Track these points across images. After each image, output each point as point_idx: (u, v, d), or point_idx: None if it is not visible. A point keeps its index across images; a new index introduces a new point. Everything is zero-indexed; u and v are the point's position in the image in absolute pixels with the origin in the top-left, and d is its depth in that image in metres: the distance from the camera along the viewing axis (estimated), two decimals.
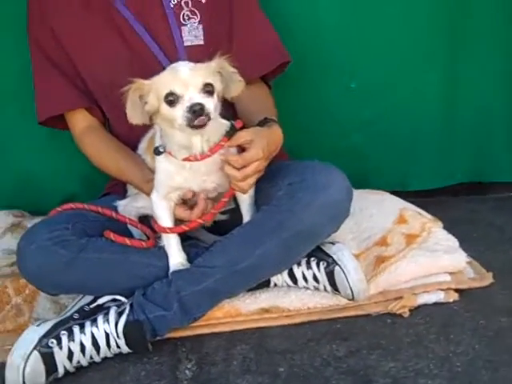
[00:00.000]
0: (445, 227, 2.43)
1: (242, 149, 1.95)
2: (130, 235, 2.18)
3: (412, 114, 2.86)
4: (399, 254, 2.21)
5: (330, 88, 2.81)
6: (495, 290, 2.19)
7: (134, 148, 2.28)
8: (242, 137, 1.93)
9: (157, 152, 1.96)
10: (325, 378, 1.81)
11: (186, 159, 1.93)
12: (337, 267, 2.04)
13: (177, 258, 2.06)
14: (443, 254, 2.21)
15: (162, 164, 1.99)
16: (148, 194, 2.09)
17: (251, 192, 2.08)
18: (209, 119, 1.79)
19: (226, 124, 1.95)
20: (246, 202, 2.11)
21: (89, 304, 2.04)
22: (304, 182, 1.98)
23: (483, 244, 2.53)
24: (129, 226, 2.23)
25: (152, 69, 1.99)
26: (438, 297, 2.12)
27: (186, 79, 1.80)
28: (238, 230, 2.05)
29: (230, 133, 1.92)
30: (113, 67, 2.26)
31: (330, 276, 2.07)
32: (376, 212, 2.47)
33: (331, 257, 2.07)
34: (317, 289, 2.13)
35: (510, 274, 2.28)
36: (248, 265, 1.99)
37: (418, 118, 2.87)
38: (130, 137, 2.29)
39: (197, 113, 1.76)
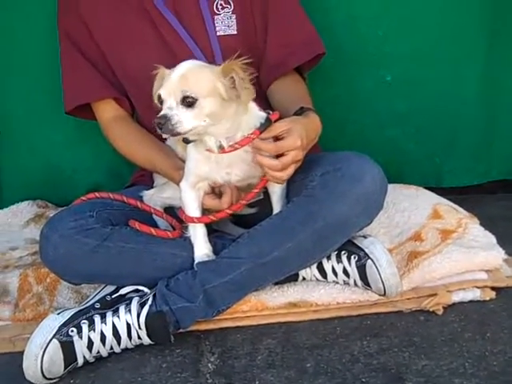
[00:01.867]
0: (481, 224, 2.34)
1: (278, 139, 1.88)
2: (154, 225, 2.13)
3: (449, 110, 2.77)
4: (434, 250, 2.12)
5: (365, 80, 2.73)
6: None
7: (162, 140, 2.20)
8: (278, 127, 1.86)
9: (186, 140, 1.90)
10: (354, 374, 1.73)
11: (208, 150, 1.88)
12: (369, 261, 1.96)
13: (202, 248, 2.00)
14: (480, 251, 2.11)
15: (191, 152, 1.94)
16: (178, 182, 2.03)
17: (284, 184, 2.01)
18: (176, 134, 1.76)
19: (260, 116, 1.88)
20: (277, 193, 2.04)
21: (111, 294, 1.99)
22: (338, 171, 1.91)
23: None
24: (154, 216, 2.18)
25: (183, 59, 1.94)
26: (475, 294, 2.02)
27: (171, 86, 1.78)
28: (267, 221, 1.98)
29: (265, 125, 1.86)
30: (144, 57, 2.20)
31: (362, 270, 1.99)
32: (409, 206, 2.38)
33: (363, 250, 1.99)
34: (347, 283, 2.05)
35: None
36: (276, 257, 1.92)
37: (454, 114, 2.77)
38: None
39: (159, 125, 1.74)
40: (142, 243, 2.00)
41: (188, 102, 1.75)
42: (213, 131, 1.83)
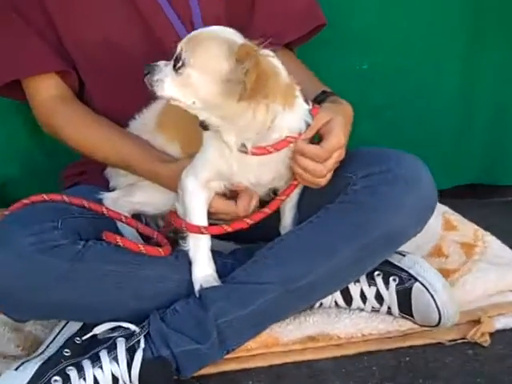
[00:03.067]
0: None
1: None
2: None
3: (425, 105, 2.49)
4: (463, 268, 1.82)
5: (340, 67, 2.38)
6: None
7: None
8: (318, 122, 1.47)
9: (203, 125, 1.45)
10: None
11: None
12: (416, 284, 1.59)
13: (206, 268, 1.55)
14: (510, 268, 1.84)
15: (209, 140, 1.48)
16: (164, 177, 1.59)
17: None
18: (154, 91, 1.42)
19: (304, 112, 1.46)
20: (292, 199, 1.63)
21: (79, 335, 1.49)
22: (388, 173, 1.52)
23: None
24: (119, 226, 1.68)
25: (156, 25, 1.70)
26: None
27: (181, 42, 1.43)
28: (295, 234, 1.56)
29: (309, 124, 1.46)
30: (103, 21, 1.73)
31: (403, 295, 1.62)
32: None
33: (406, 271, 1.62)
34: (375, 311, 1.68)
35: None
36: (312, 280, 1.51)
37: (430, 110, 2.50)
38: (118, 113, 1.76)
39: (145, 72, 1.43)
40: (124, 264, 1.51)
41: (177, 65, 1.39)
42: (226, 127, 1.41)
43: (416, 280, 1.60)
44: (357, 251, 1.52)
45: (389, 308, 1.66)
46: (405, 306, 1.63)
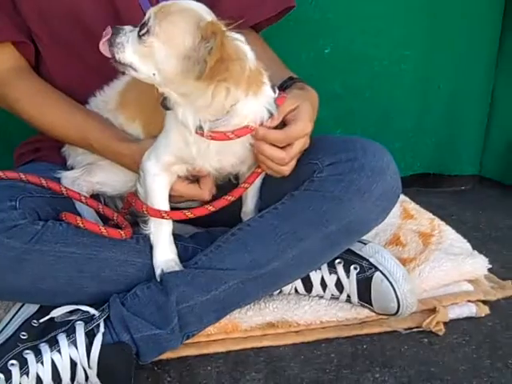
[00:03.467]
0: None
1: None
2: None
3: (383, 92, 2.52)
4: (420, 257, 1.82)
5: (301, 50, 2.38)
6: None
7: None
8: (284, 109, 1.43)
9: (164, 104, 1.40)
10: None
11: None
12: (377, 273, 1.59)
13: (168, 252, 1.52)
14: (466, 259, 1.85)
15: (171, 122, 1.43)
16: (126, 156, 1.55)
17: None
18: (113, 54, 1.35)
19: (268, 98, 1.41)
20: (254, 185, 1.60)
21: (37, 317, 1.44)
22: (354, 162, 1.51)
23: None
24: (77, 206, 1.63)
25: (125, 6, 1.63)
26: (470, 310, 1.75)
27: (153, 8, 1.36)
28: (259, 221, 1.54)
29: (272, 114, 1.42)
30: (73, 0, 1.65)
31: (364, 284, 1.62)
32: None
33: (367, 260, 1.62)
34: (335, 299, 1.68)
35: None
36: (276, 268, 1.49)
37: (388, 98, 2.53)
38: (77, 90, 1.70)
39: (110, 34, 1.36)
40: (85, 246, 1.46)
41: (141, 32, 1.33)
42: (183, 104, 1.36)
43: (377, 269, 1.61)
44: (321, 239, 1.51)
45: (348, 296, 1.66)
46: (364, 295, 1.64)
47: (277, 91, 1.45)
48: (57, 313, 1.44)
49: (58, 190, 1.57)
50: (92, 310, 1.45)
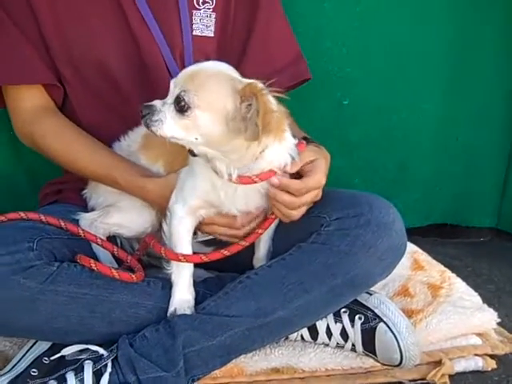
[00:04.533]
0: None
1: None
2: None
3: (401, 144, 2.56)
4: (428, 309, 1.84)
5: (321, 101, 2.43)
6: None
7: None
8: (304, 159, 1.51)
9: (192, 152, 1.48)
10: None
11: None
12: (381, 324, 1.62)
13: (186, 293, 1.57)
14: (474, 312, 1.87)
15: (197, 167, 1.51)
16: (151, 191, 1.62)
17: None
18: (153, 131, 1.42)
19: (290, 146, 1.49)
20: (268, 231, 1.65)
21: (48, 355, 1.50)
22: (360, 217, 1.57)
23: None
24: (94, 248, 1.70)
25: (148, 55, 1.67)
26: (477, 364, 1.77)
27: (179, 79, 1.43)
28: (266, 270, 1.59)
29: (293, 159, 1.49)
30: (98, 45, 1.75)
31: (368, 334, 1.65)
32: None
33: (372, 310, 1.65)
34: (340, 347, 1.71)
35: None
36: (281, 317, 1.54)
37: (406, 150, 2.58)
38: (102, 132, 1.77)
39: (141, 113, 1.43)
40: (97, 288, 1.52)
41: (180, 105, 1.38)
42: (218, 157, 1.44)
43: (381, 320, 1.64)
44: (326, 291, 1.56)
45: (353, 345, 1.69)
46: (369, 345, 1.66)
47: (296, 138, 1.53)
48: (67, 351, 1.49)
49: (75, 231, 1.64)
50: (101, 350, 1.50)
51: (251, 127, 1.36)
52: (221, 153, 1.43)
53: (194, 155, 1.47)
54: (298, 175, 1.54)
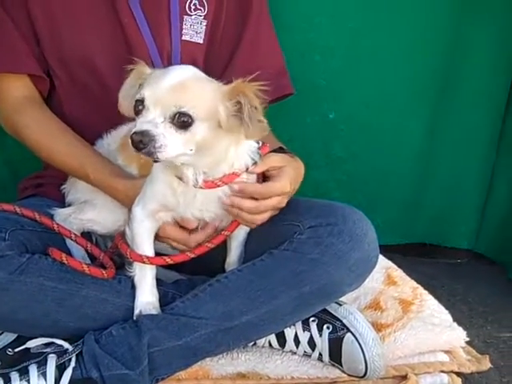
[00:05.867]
0: None
1: (265, 176, 1.55)
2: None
3: (385, 161, 2.58)
4: (397, 323, 1.85)
5: (306, 114, 2.45)
6: (494, 377, 1.89)
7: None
8: (270, 162, 1.53)
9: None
10: None
11: (179, 178, 1.48)
12: (348, 335, 1.63)
13: (149, 295, 1.58)
14: (444, 330, 1.88)
15: (160, 173, 1.51)
16: (120, 191, 1.63)
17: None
18: (158, 158, 1.35)
19: (251, 147, 1.51)
20: (239, 238, 1.68)
21: (12, 346, 1.50)
22: (334, 227, 1.57)
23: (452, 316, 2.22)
24: (68, 243, 1.70)
25: (136, 55, 1.60)
26: (442, 381, 1.77)
27: (163, 94, 1.36)
28: (237, 274, 1.60)
29: (255, 162, 1.50)
30: (89, 42, 1.78)
31: (335, 344, 1.65)
32: None
33: (340, 320, 1.66)
34: (307, 356, 1.72)
35: (501, 355, 2.00)
36: (248, 321, 1.54)
37: (389, 166, 2.59)
38: (86, 128, 1.80)
39: (135, 144, 1.33)
40: (67, 282, 1.53)
41: (182, 121, 1.34)
42: (193, 162, 1.44)
43: (348, 330, 1.64)
44: (295, 299, 1.56)
45: (320, 354, 1.70)
46: (335, 355, 1.67)
47: (260, 142, 1.53)
48: (32, 344, 1.50)
49: (50, 225, 1.65)
50: (66, 345, 1.50)
51: (254, 124, 1.38)
52: (199, 158, 1.42)
53: (156, 161, 1.44)
54: (264, 180, 1.56)
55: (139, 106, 1.36)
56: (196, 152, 1.39)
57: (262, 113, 1.39)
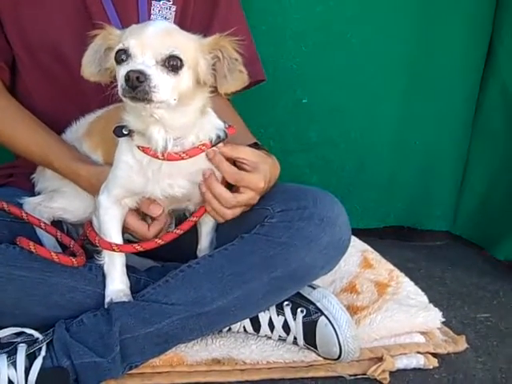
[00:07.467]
0: None
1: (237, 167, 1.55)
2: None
3: (359, 145, 2.58)
4: (373, 306, 1.86)
5: (280, 99, 2.45)
6: (470, 357, 1.90)
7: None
8: (246, 154, 1.53)
9: (118, 132, 1.46)
10: None
11: (143, 150, 1.46)
12: (322, 318, 1.62)
13: (118, 283, 1.56)
14: (419, 311, 1.87)
15: (123, 156, 1.50)
16: (83, 177, 1.61)
17: None
18: (151, 99, 1.32)
19: (217, 125, 1.50)
20: (209, 224, 1.67)
21: None
22: (304, 210, 1.57)
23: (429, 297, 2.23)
24: (38, 232, 1.68)
25: None
26: (418, 362, 1.77)
27: (149, 39, 1.35)
28: (208, 260, 1.58)
29: (220, 138, 1.49)
30: (55, 28, 1.75)
31: (309, 327, 1.64)
32: None
33: (314, 304, 1.64)
34: (282, 340, 1.71)
35: (478, 336, 2.00)
36: (219, 307, 1.53)
37: (364, 150, 2.60)
38: (50, 114, 1.77)
39: (130, 82, 1.31)
40: (35, 271, 1.51)
41: (172, 65, 1.34)
42: (168, 120, 1.42)
43: (322, 313, 1.63)
44: (267, 283, 1.55)
45: (295, 338, 1.69)
46: (310, 338, 1.66)
47: (227, 123, 1.53)
48: (2, 334, 1.48)
49: (18, 214, 1.63)
50: (36, 334, 1.49)
51: (235, 75, 1.41)
52: (175, 114, 1.41)
53: (120, 135, 1.45)
54: None
55: (122, 55, 1.35)
56: (175, 106, 1.38)
57: (241, 64, 1.41)
